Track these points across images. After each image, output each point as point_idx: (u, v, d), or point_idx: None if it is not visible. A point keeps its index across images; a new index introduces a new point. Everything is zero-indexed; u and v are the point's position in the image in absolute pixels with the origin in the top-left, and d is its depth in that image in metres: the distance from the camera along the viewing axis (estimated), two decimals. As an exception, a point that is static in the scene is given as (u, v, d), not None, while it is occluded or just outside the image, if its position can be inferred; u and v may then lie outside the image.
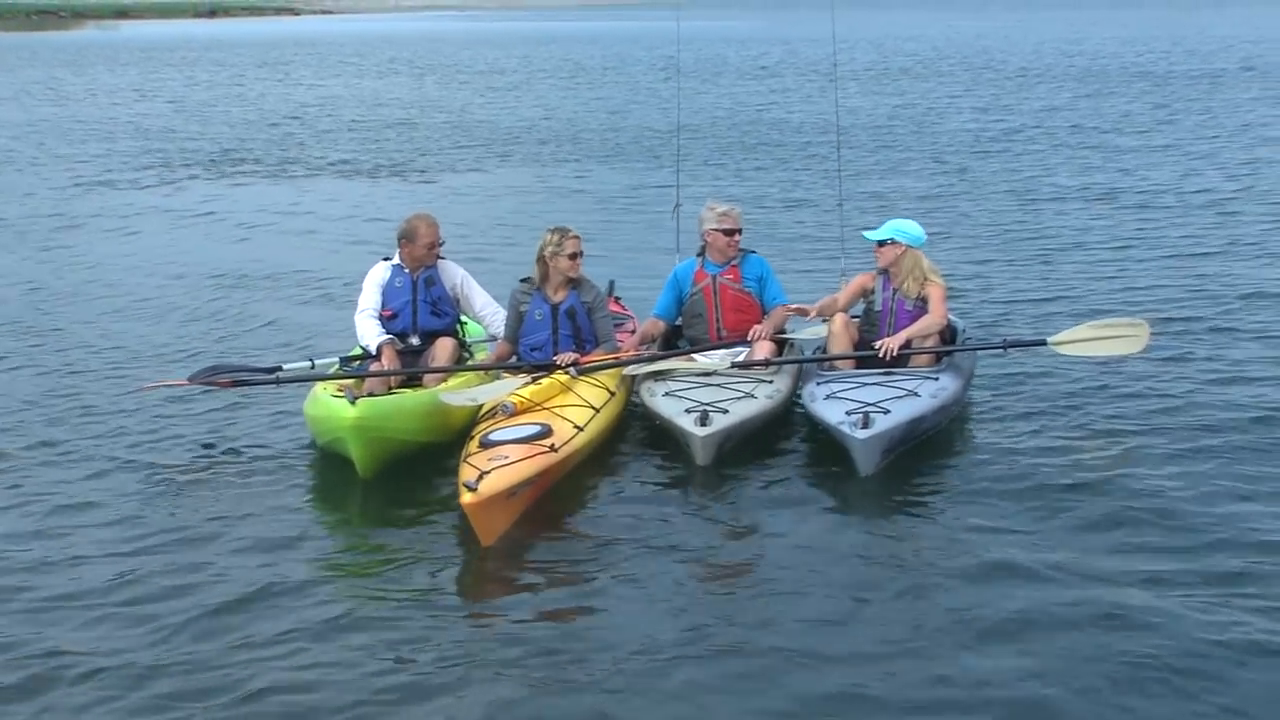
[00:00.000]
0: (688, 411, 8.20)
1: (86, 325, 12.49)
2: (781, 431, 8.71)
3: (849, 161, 21.23)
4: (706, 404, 8.25)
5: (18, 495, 8.04)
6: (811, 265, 13.54)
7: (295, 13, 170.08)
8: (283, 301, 13.42)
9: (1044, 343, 9.11)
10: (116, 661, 5.98)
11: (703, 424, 8.04)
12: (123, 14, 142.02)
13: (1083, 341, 9.01)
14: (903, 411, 7.95)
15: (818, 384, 8.49)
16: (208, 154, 25.85)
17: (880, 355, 8.66)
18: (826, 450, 8.17)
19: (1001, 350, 9.30)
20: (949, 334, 9.19)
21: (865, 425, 7.72)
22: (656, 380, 8.81)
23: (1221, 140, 23.80)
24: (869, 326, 9.07)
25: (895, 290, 8.96)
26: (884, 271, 9.06)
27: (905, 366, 8.69)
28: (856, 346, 8.92)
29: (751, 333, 9.15)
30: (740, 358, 9.04)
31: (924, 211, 16.87)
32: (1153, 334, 9.09)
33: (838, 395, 8.21)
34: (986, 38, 67.43)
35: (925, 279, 8.91)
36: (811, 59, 52.22)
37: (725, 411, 8.20)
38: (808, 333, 9.63)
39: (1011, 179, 20.16)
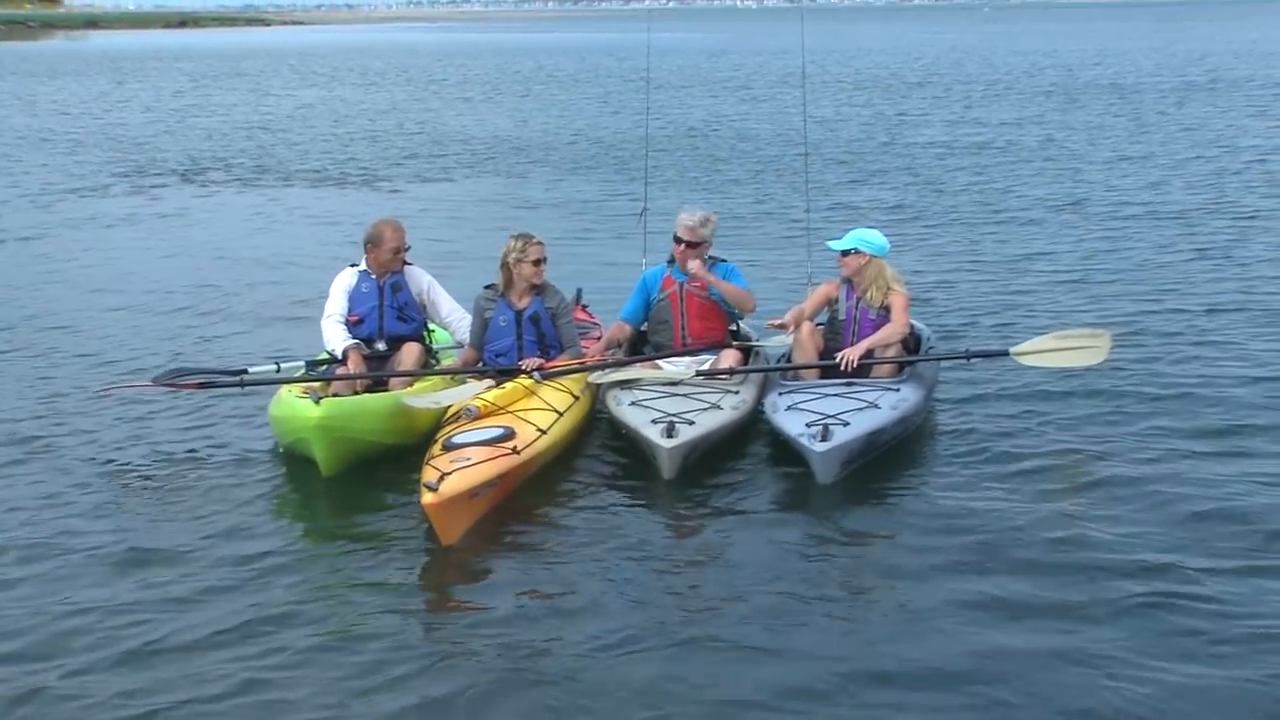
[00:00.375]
0: (654, 422, 8.19)
1: (53, 329, 12.45)
2: (746, 438, 8.72)
3: (817, 172, 21.33)
4: (673, 415, 8.24)
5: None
6: (779, 274, 13.56)
7: (266, 23, 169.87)
8: (251, 307, 13.41)
9: (1006, 353, 9.15)
10: (79, 670, 5.94)
11: (669, 435, 8.02)
12: (93, 24, 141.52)
13: (1045, 352, 9.04)
14: (862, 424, 7.97)
15: (780, 394, 8.52)
16: (178, 163, 25.76)
17: (840, 367, 8.69)
18: (789, 458, 8.17)
19: (964, 360, 9.35)
20: (913, 342, 9.22)
21: (824, 438, 7.75)
22: (623, 389, 8.81)
23: (1189, 152, 23.98)
24: (832, 335, 9.09)
25: (858, 299, 9.00)
26: (847, 280, 9.09)
27: (867, 376, 8.73)
28: (821, 355, 8.94)
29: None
30: (705, 365, 9.06)
31: (892, 221, 16.98)
32: (1114, 345, 9.14)
33: (799, 406, 8.23)
34: (957, 50, 67.83)
35: (888, 288, 8.95)
36: (782, 70, 52.44)
37: (691, 423, 8.19)
38: (773, 341, 9.66)
39: (980, 190, 20.26)
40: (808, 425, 7.91)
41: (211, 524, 7.55)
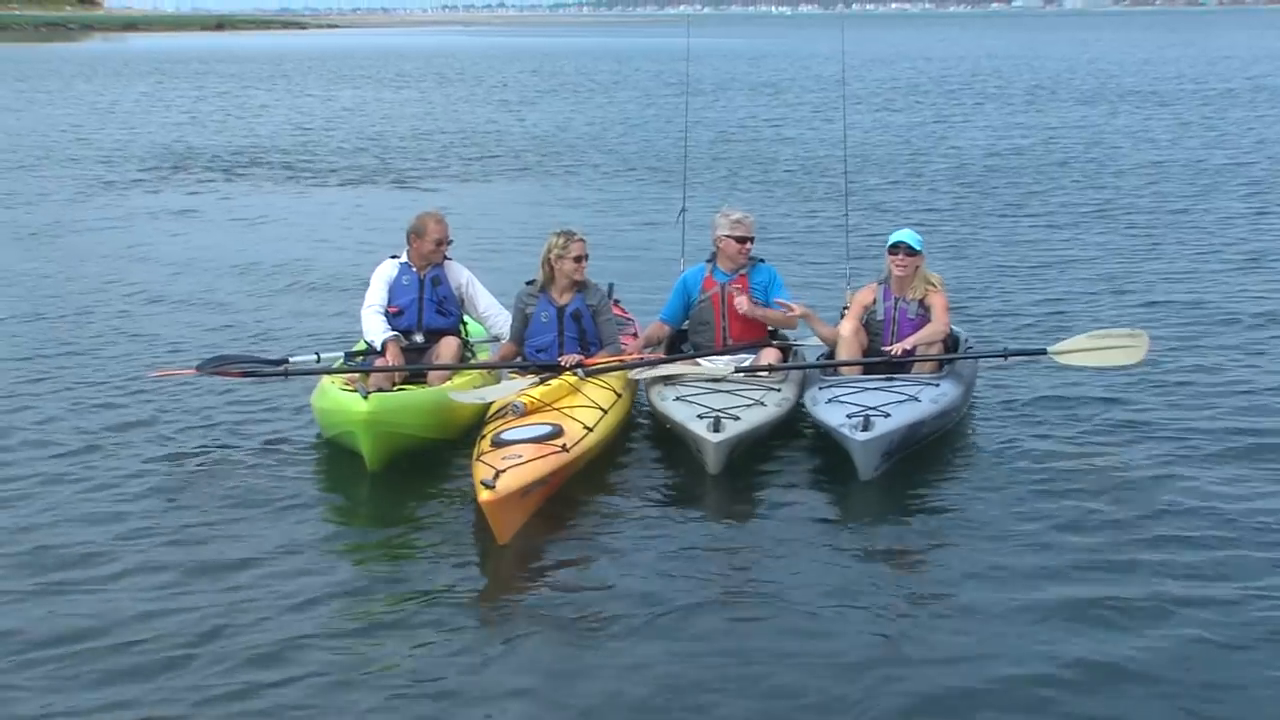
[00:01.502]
0: (700, 417, 8.21)
1: (105, 318, 12.68)
2: (787, 435, 8.75)
3: (855, 174, 21.28)
4: (719, 410, 8.27)
5: (23, 481, 8.14)
6: (817, 275, 13.49)
7: (302, 26, 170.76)
8: (292, 298, 13.70)
9: (1044, 352, 9.15)
10: (120, 650, 6.02)
11: (715, 430, 8.05)
12: (131, 26, 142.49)
13: (1083, 351, 9.03)
14: (903, 416, 8.01)
15: (820, 388, 8.56)
16: (223, 162, 25.98)
17: (892, 352, 8.74)
18: (830, 454, 8.23)
19: (1003, 359, 9.34)
20: (951, 343, 9.24)
21: (865, 428, 7.79)
22: (666, 384, 8.84)
23: (1230, 159, 23.85)
24: (871, 335, 9.10)
25: (898, 299, 9.00)
26: (884, 282, 9.10)
27: (908, 373, 8.74)
28: (864, 354, 8.95)
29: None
30: (745, 364, 9.07)
31: (930, 222, 16.94)
32: (1152, 345, 9.12)
33: (839, 399, 8.28)
34: (997, 57, 67.62)
35: (926, 288, 8.97)
36: (819, 76, 52.40)
37: (737, 418, 8.22)
38: (811, 342, 9.65)
39: (1019, 193, 20.23)
40: (849, 416, 7.95)
41: (254, 512, 7.64)
